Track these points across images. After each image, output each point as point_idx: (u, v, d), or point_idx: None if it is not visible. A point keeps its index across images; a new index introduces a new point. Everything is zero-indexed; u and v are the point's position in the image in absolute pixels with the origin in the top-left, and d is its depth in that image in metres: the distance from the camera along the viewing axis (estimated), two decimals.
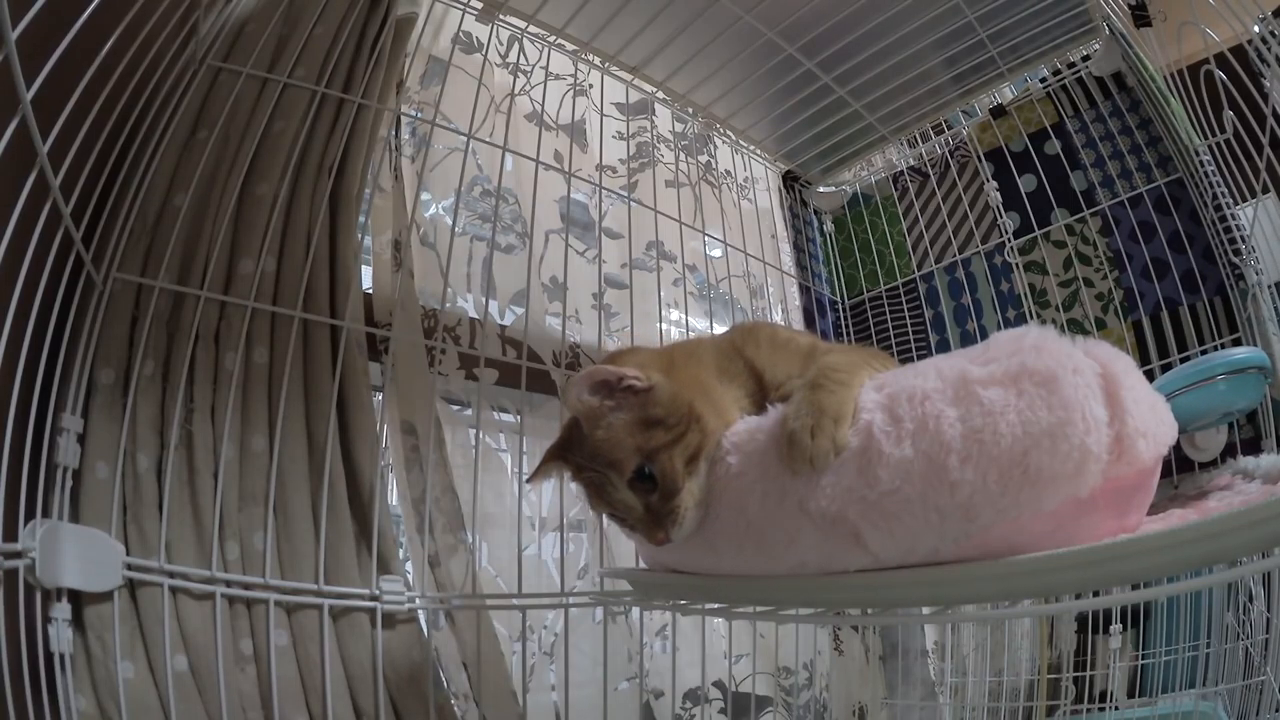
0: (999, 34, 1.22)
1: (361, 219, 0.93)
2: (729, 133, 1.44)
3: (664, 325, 1.25)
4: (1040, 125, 1.35)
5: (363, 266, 0.96)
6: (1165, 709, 1.09)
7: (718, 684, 1.15)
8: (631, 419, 0.56)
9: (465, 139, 1.04)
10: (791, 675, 1.22)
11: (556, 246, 1.18)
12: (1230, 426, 1.03)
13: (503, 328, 1.11)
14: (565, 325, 1.12)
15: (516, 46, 1.17)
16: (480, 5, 1.12)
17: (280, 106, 0.86)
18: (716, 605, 0.70)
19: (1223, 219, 1.09)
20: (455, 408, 1.04)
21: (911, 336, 1.48)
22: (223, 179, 0.81)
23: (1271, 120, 0.89)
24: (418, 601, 0.84)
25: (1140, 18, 1.18)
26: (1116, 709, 1.17)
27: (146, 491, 0.70)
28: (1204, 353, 1.10)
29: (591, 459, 0.57)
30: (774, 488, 0.52)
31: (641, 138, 1.36)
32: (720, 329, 1.23)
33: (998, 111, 1.42)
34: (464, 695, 0.87)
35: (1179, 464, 1.04)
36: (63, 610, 0.62)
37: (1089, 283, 1.27)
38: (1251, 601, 1.06)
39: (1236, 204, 1.08)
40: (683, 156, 1.39)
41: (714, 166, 1.45)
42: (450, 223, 1.08)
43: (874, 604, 0.60)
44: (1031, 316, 1.32)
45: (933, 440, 0.46)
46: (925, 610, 0.65)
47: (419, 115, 1.09)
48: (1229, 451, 1.02)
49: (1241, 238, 1.08)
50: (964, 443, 0.45)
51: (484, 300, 1.08)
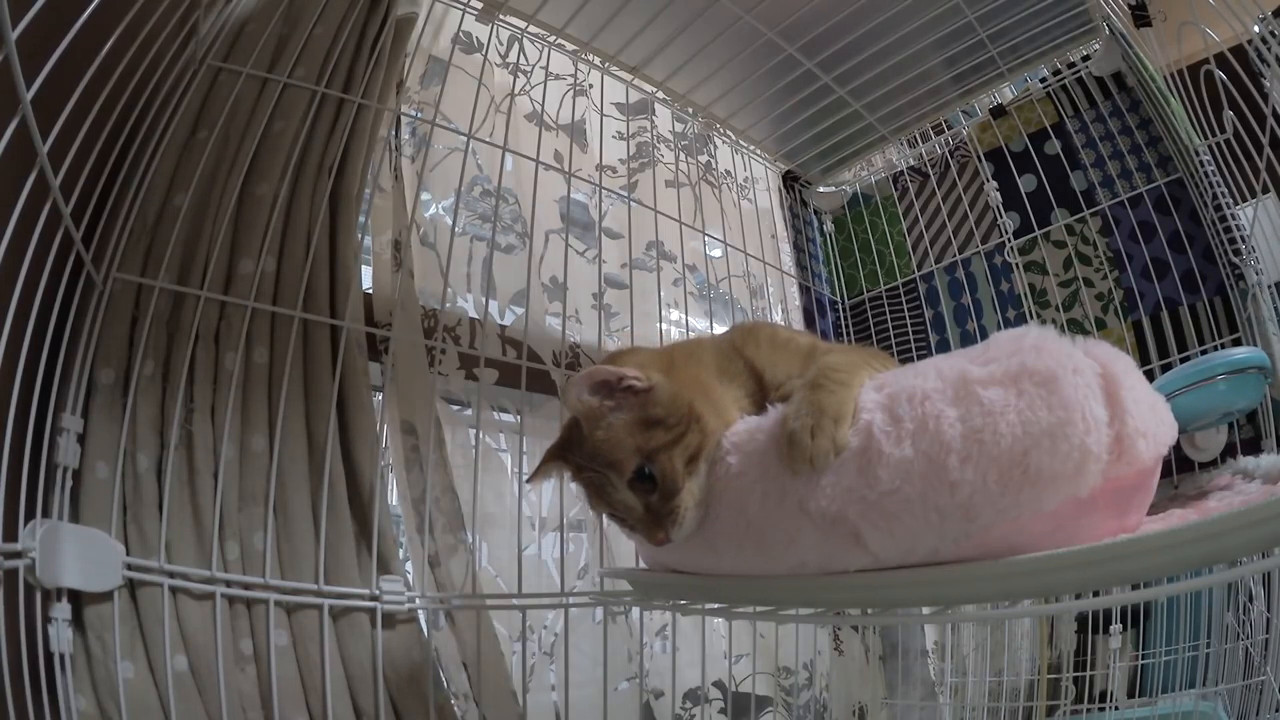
0: (999, 34, 1.23)
1: (361, 219, 0.93)
2: (729, 133, 1.44)
3: (664, 325, 1.25)
4: (1040, 125, 1.35)
5: (363, 266, 0.96)
6: (1165, 709, 1.09)
7: (718, 684, 1.15)
8: (631, 419, 0.56)
9: (465, 139, 1.04)
10: (791, 675, 1.22)
11: (556, 246, 1.18)
12: (1230, 426, 1.03)
13: (503, 328, 1.11)
14: (565, 325, 1.12)
15: (516, 46, 1.17)
16: (480, 5, 1.12)
17: (280, 106, 0.86)
18: (716, 605, 0.70)
19: (1223, 219, 1.09)
20: (455, 408, 1.04)
21: (911, 336, 1.48)
22: (223, 179, 0.81)
23: (1271, 120, 0.89)
24: (418, 601, 0.84)
25: (1140, 18, 1.18)
26: (1116, 709, 1.17)
27: (146, 491, 0.70)
28: (1204, 353, 1.10)
29: (591, 459, 0.57)
30: (774, 488, 0.52)
31: (641, 138, 1.36)
32: (720, 329, 1.23)
33: (998, 111, 1.42)
34: (464, 695, 0.87)
35: (1179, 464, 1.04)
36: (63, 610, 0.62)
37: (1089, 283, 1.27)
38: (1251, 601, 1.05)
39: (1236, 204, 1.08)
40: (683, 156, 1.39)
41: (714, 166, 1.45)
42: (450, 223, 1.08)
43: (874, 604, 0.60)
44: (1031, 316, 1.32)
45: (933, 440, 0.46)
46: (925, 610, 0.65)
47: (419, 115, 1.09)
48: (1229, 451, 1.02)
49: (1241, 238, 1.08)
50: (964, 443, 0.45)
51: (484, 300, 1.08)
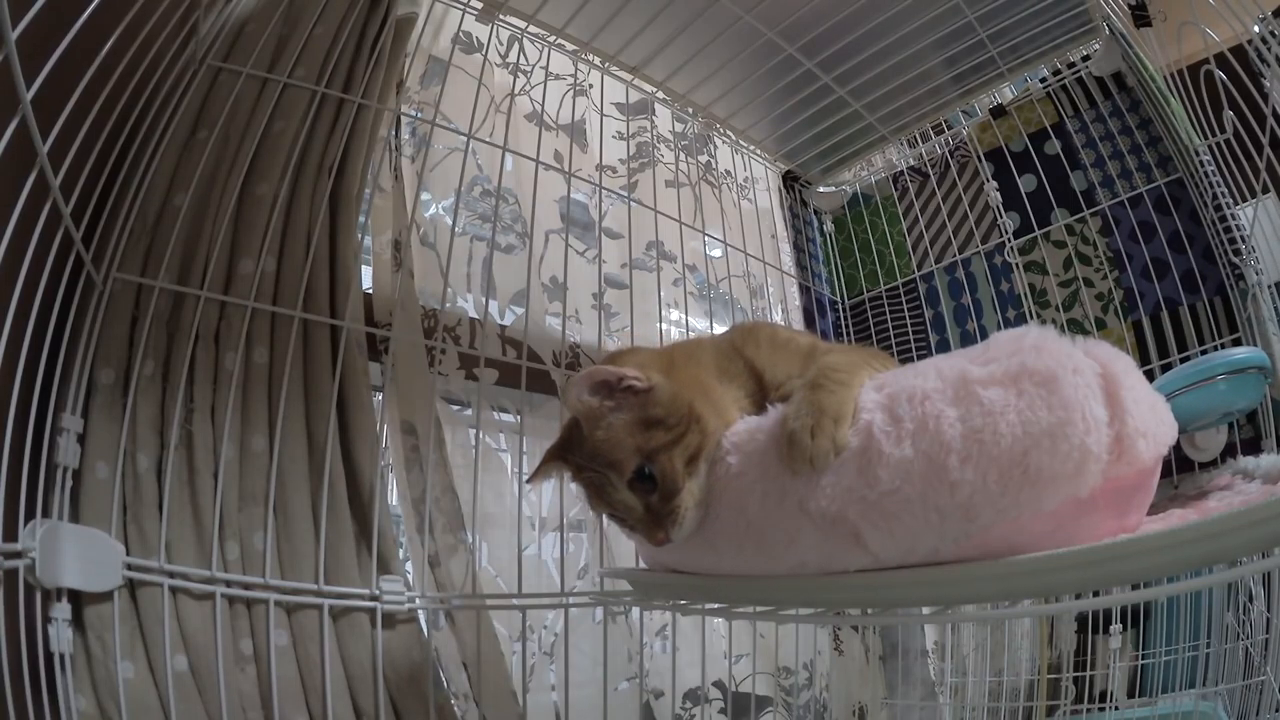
0: (999, 34, 1.23)
1: (361, 219, 0.93)
2: (729, 133, 1.44)
3: (664, 325, 1.25)
4: (1040, 125, 1.35)
5: (363, 266, 0.96)
6: (1165, 709, 1.09)
7: (718, 684, 1.15)
8: (631, 419, 0.56)
9: (465, 139, 1.04)
10: (791, 675, 1.22)
11: (556, 246, 1.18)
12: (1230, 426, 1.03)
13: (503, 328, 1.11)
14: (565, 325, 1.12)
15: (516, 46, 1.17)
16: (480, 5, 1.12)
17: (280, 106, 0.86)
18: (716, 605, 0.70)
19: (1223, 219, 1.09)
20: (455, 408, 1.04)
21: (911, 336, 1.48)
22: (223, 179, 0.81)
23: (1271, 120, 0.89)
24: (418, 601, 0.84)
25: (1140, 18, 1.18)
26: (1116, 709, 1.17)
27: (146, 491, 0.70)
28: (1204, 353, 1.10)
29: (591, 459, 0.57)
30: (774, 488, 0.52)
31: (641, 138, 1.36)
32: (720, 329, 1.23)
33: (998, 111, 1.42)
34: (464, 695, 0.87)
35: (1179, 464, 1.04)
36: (63, 610, 0.62)
37: (1089, 283, 1.27)
38: (1251, 601, 1.05)
39: (1236, 204, 1.08)
40: (683, 156, 1.39)
41: (714, 166, 1.45)
42: (450, 223, 1.08)
43: (874, 604, 0.60)
44: (1031, 316, 1.32)
45: (933, 440, 0.46)
46: (925, 610, 0.65)
47: (419, 115, 1.09)
48: (1229, 451, 1.02)
49: (1241, 238, 1.08)
50: (964, 443, 0.45)
51: (484, 300, 1.08)
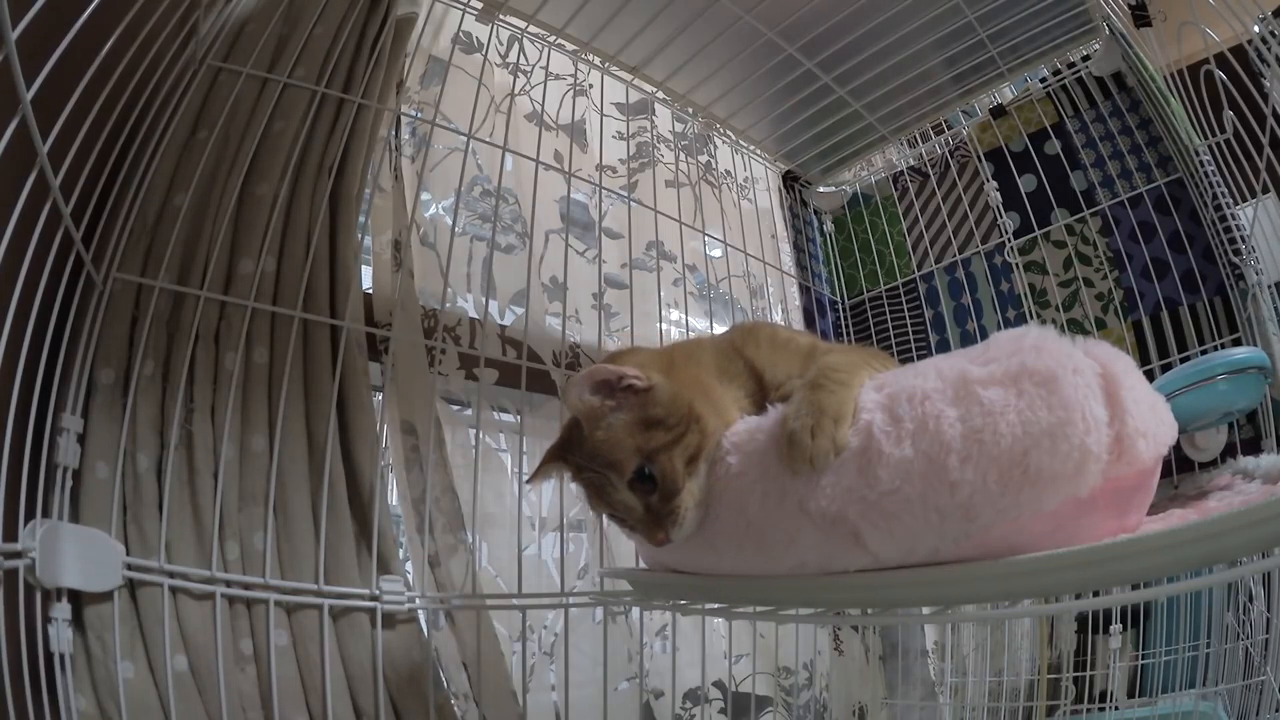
0: (999, 34, 1.23)
1: (361, 219, 0.93)
2: (729, 133, 1.44)
3: (664, 325, 1.25)
4: (1040, 125, 1.35)
5: (363, 266, 0.96)
6: (1165, 709, 1.09)
7: (718, 684, 1.15)
8: (631, 419, 0.56)
9: (465, 139, 1.04)
10: (791, 675, 1.22)
11: (556, 246, 1.18)
12: (1230, 426, 1.03)
13: (503, 328, 1.11)
14: (565, 325, 1.12)
15: (516, 46, 1.17)
16: (480, 5, 1.12)
17: (280, 106, 0.86)
18: (716, 605, 0.70)
19: (1223, 219, 1.09)
20: (455, 408, 1.04)
21: (911, 336, 1.48)
22: (223, 179, 0.81)
23: (1271, 120, 0.89)
24: (418, 601, 0.84)
25: (1140, 18, 1.18)
26: (1116, 709, 1.17)
27: (146, 491, 0.70)
28: (1204, 353, 1.10)
29: (591, 459, 0.57)
30: (774, 488, 0.52)
31: (641, 138, 1.36)
32: (720, 329, 1.23)
33: (998, 111, 1.42)
34: (464, 695, 0.87)
35: (1179, 464, 1.04)
36: (63, 610, 0.62)
37: (1089, 283, 1.27)
38: (1251, 601, 1.05)
39: (1236, 204, 1.08)
40: (683, 156, 1.39)
41: (714, 166, 1.45)
42: (450, 223, 1.08)
43: (874, 604, 0.60)
44: (1031, 316, 1.32)
45: (933, 440, 0.46)
46: (925, 610, 0.65)
47: (419, 115, 1.09)
48: (1229, 451, 1.02)
49: (1241, 238, 1.08)
50: (964, 443, 0.45)
51: (484, 300, 1.08)
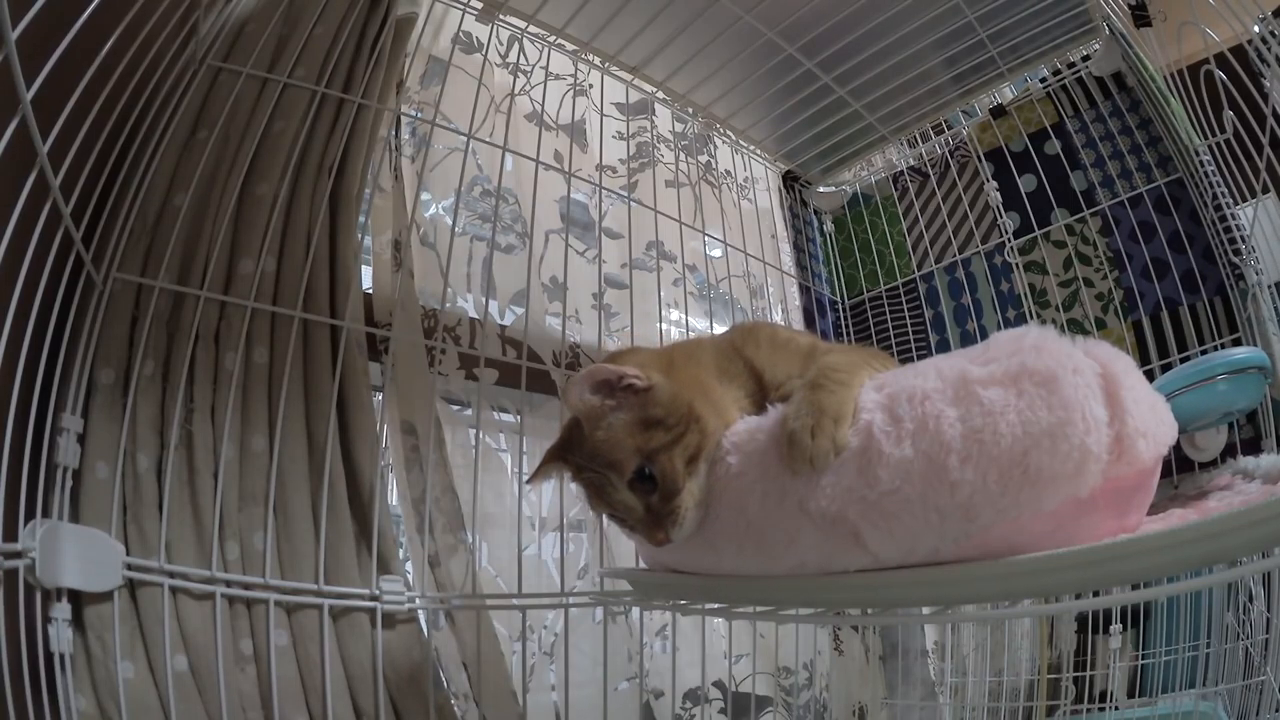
0: (999, 34, 1.23)
1: (361, 219, 0.93)
2: (729, 133, 1.44)
3: (664, 325, 1.25)
4: (1040, 125, 1.35)
5: (363, 266, 0.96)
6: (1165, 709, 1.09)
7: (718, 684, 1.15)
8: (631, 419, 0.56)
9: (465, 139, 1.04)
10: (791, 675, 1.22)
11: (556, 246, 1.18)
12: (1230, 426, 1.03)
13: (503, 328, 1.11)
14: (565, 325, 1.12)
15: (516, 46, 1.17)
16: (480, 5, 1.12)
17: (280, 106, 0.86)
18: (716, 605, 0.70)
19: (1223, 219, 1.09)
20: (455, 408, 1.04)
21: (911, 336, 1.48)
22: (223, 179, 0.81)
23: (1271, 120, 0.89)
24: (418, 601, 0.84)
25: (1140, 18, 1.18)
26: (1116, 709, 1.17)
27: (146, 491, 0.70)
28: (1204, 353, 1.10)
29: (591, 459, 0.57)
30: (774, 488, 0.52)
31: (641, 138, 1.36)
32: (720, 329, 1.23)
33: (998, 111, 1.42)
34: (464, 695, 0.87)
35: (1179, 464, 1.04)
36: (63, 610, 0.62)
37: (1089, 283, 1.27)
38: (1251, 601, 1.05)
39: (1236, 204, 1.08)
40: (683, 156, 1.39)
41: (714, 166, 1.45)
42: (450, 223, 1.08)
43: (874, 604, 0.60)
44: (1031, 316, 1.32)
45: (933, 440, 0.46)
46: (925, 610, 0.65)
47: (419, 115, 1.09)
48: (1229, 451, 1.02)
49: (1241, 238, 1.08)
50: (964, 443, 0.45)
51: (484, 300, 1.08)
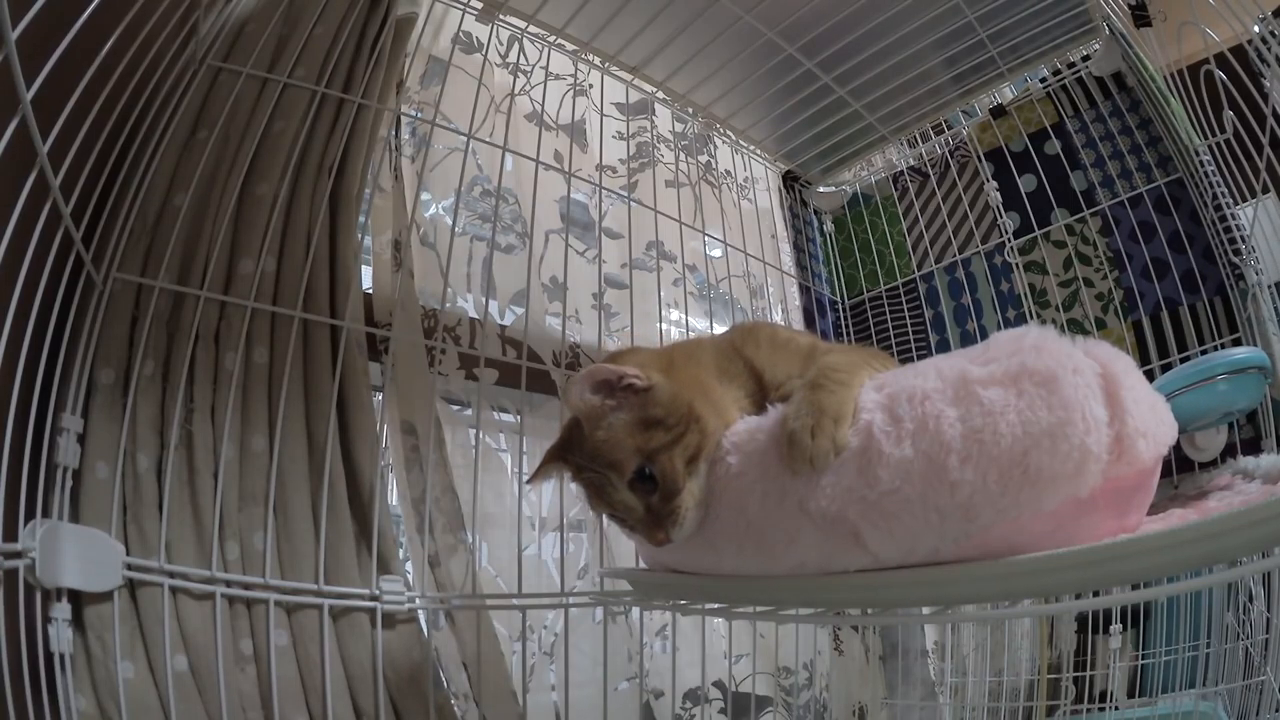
0: (999, 34, 1.23)
1: (361, 219, 0.93)
2: (729, 133, 1.44)
3: (664, 325, 1.25)
4: (1040, 125, 1.35)
5: (363, 266, 0.96)
6: (1165, 709, 1.09)
7: (718, 684, 1.15)
8: (631, 419, 0.56)
9: (465, 139, 1.04)
10: (791, 675, 1.22)
11: (556, 246, 1.18)
12: (1230, 426, 1.03)
13: (503, 328, 1.11)
14: (565, 325, 1.12)
15: (516, 46, 1.17)
16: (480, 5, 1.12)
17: (280, 106, 0.86)
18: (716, 605, 0.70)
19: (1223, 219, 1.09)
20: (455, 408, 1.04)
21: (911, 336, 1.48)
22: (223, 179, 0.81)
23: (1271, 120, 0.89)
24: (418, 601, 0.84)
25: (1140, 18, 1.18)
26: (1116, 709, 1.17)
27: (146, 491, 0.70)
28: (1204, 353, 1.10)
29: (592, 459, 0.57)
30: (774, 488, 0.52)
31: (641, 138, 1.36)
32: (720, 329, 1.23)
33: (998, 111, 1.42)
34: (464, 695, 0.87)
35: (1179, 464, 1.04)
36: (63, 610, 0.62)
37: (1089, 283, 1.27)
38: (1251, 601, 1.05)
39: (1236, 204, 1.08)
40: (683, 156, 1.39)
41: (714, 166, 1.45)
42: (450, 223, 1.08)
43: (874, 604, 0.60)
44: (1031, 316, 1.32)
45: (933, 440, 0.46)
46: (925, 610, 0.65)
47: (419, 115, 1.09)
48: (1229, 451, 1.02)
49: (1241, 238, 1.08)
50: (964, 443, 0.45)
51: (484, 300, 1.08)
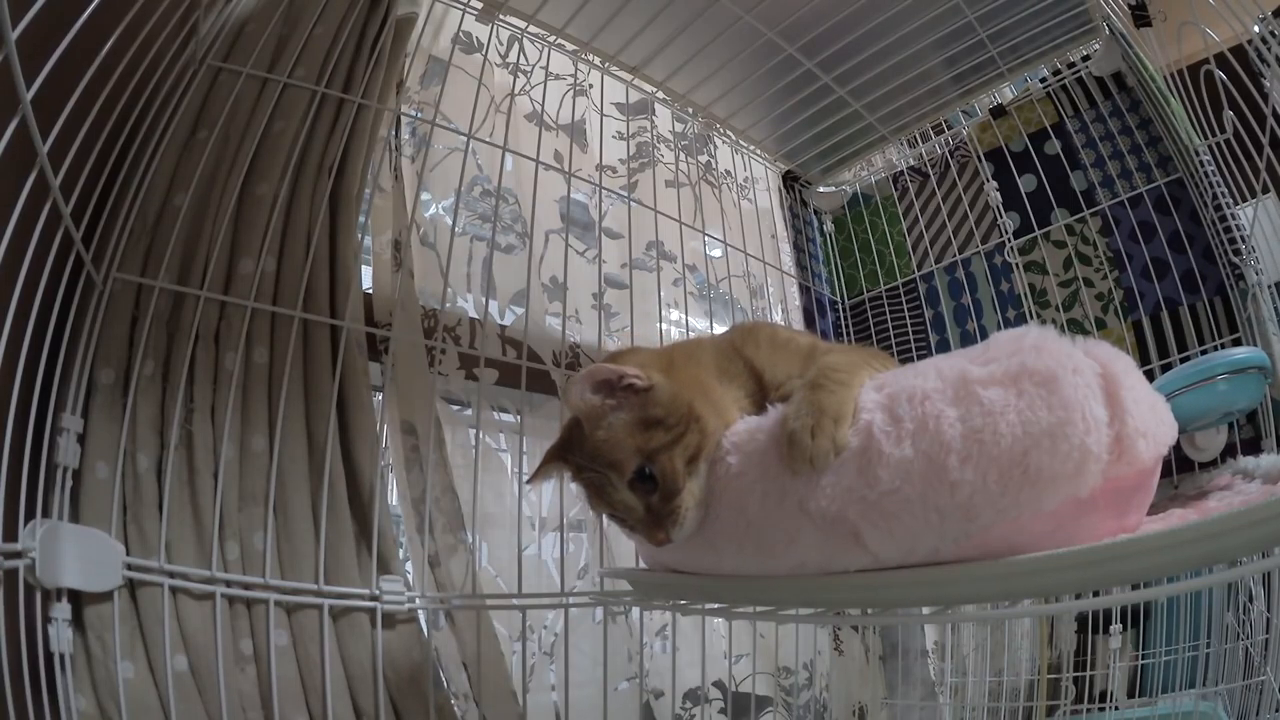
0: (999, 34, 1.23)
1: (361, 219, 0.93)
2: (729, 133, 1.44)
3: (664, 325, 1.25)
4: (1040, 125, 1.35)
5: (363, 266, 0.96)
6: (1165, 709, 1.09)
7: (718, 684, 1.15)
8: (632, 419, 0.56)
9: (465, 139, 1.04)
10: (791, 675, 1.22)
11: (556, 246, 1.18)
12: (1230, 426, 1.03)
13: (503, 328, 1.11)
14: (565, 325, 1.12)
15: (516, 46, 1.17)
16: (480, 5, 1.12)
17: (280, 106, 0.86)
18: (716, 605, 0.70)
19: (1223, 219, 1.09)
20: (455, 408, 1.04)
21: (911, 336, 1.48)
22: (223, 179, 0.81)
23: (1271, 120, 0.89)
24: (418, 601, 0.84)
25: (1140, 18, 1.18)
26: (1116, 709, 1.17)
27: (146, 491, 0.70)
28: (1204, 353, 1.10)
29: (592, 459, 0.57)
30: (774, 488, 0.52)
31: (641, 138, 1.36)
32: (720, 329, 1.23)
33: (998, 111, 1.42)
34: (464, 695, 0.87)
35: (1179, 464, 1.04)
36: (63, 610, 0.62)
37: (1089, 283, 1.27)
38: (1251, 601, 1.05)
39: (1236, 204, 1.08)
40: (683, 156, 1.39)
41: (714, 166, 1.45)
42: (450, 223, 1.08)
43: (874, 604, 0.60)
44: (1031, 316, 1.32)
45: (933, 440, 0.46)
46: (925, 610, 0.65)
47: (419, 115, 1.09)
48: (1229, 451, 1.02)
49: (1241, 238, 1.08)
50: (964, 443, 0.45)
51: (484, 300, 1.08)
